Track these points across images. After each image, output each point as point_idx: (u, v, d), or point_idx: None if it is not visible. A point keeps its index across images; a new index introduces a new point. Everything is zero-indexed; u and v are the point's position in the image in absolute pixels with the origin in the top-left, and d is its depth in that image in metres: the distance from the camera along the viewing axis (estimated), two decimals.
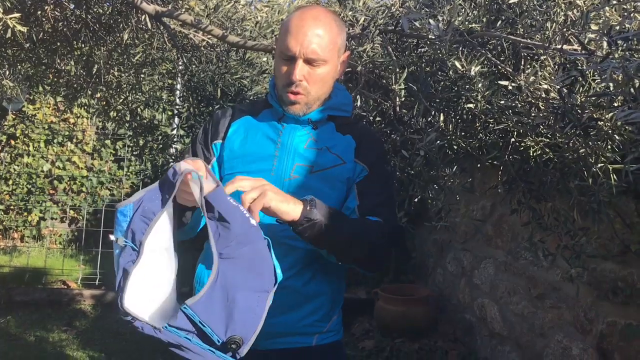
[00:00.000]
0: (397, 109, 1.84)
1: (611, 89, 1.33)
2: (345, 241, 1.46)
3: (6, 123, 7.03)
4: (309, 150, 1.58)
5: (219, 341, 1.26)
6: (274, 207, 1.34)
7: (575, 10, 1.53)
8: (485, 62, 1.70)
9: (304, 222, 1.37)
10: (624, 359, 2.72)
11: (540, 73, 1.57)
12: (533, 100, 1.59)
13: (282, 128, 1.60)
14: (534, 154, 1.71)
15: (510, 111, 1.66)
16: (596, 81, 1.49)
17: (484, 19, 1.69)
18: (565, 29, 1.51)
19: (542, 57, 1.61)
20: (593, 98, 1.44)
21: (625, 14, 1.45)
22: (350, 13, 1.99)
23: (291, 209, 1.36)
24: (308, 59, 1.51)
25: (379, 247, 1.53)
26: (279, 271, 1.31)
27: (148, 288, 1.29)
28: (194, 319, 1.24)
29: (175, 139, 3.40)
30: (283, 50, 1.52)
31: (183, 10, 2.44)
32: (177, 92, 3.87)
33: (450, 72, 1.78)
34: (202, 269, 1.59)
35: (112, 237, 1.30)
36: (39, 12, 2.71)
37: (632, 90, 1.21)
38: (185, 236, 1.57)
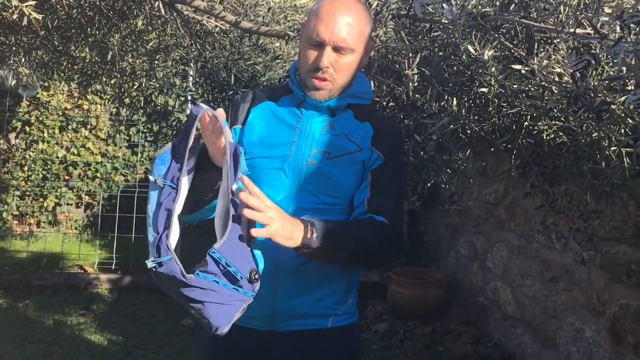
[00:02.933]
0: (410, 93, 1.85)
1: (624, 72, 1.33)
2: (346, 257, 1.55)
3: (21, 110, 7.09)
4: (326, 136, 1.59)
5: (241, 278, 1.33)
6: (275, 240, 1.38)
7: None
8: (499, 46, 1.70)
9: (304, 249, 1.42)
10: (636, 340, 2.74)
11: (553, 57, 1.58)
12: (546, 84, 1.59)
13: (300, 114, 1.61)
14: (547, 138, 1.72)
15: (524, 95, 1.67)
16: (609, 65, 1.49)
17: (497, 3, 1.69)
18: (578, 13, 1.51)
19: (555, 41, 1.62)
20: (606, 82, 1.44)
21: None
22: None
23: (291, 241, 1.40)
24: (337, 46, 1.51)
25: (378, 253, 1.62)
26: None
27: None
28: (221, 261, 1.31)
29: None
30: (312, 36, 1.52)
31: None
32: (191, 78, 3.89)
33: (464, 57, 1.78)
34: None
35: (151, 178, 1.37)
36: (54, 0, 2.73)
37: None
38: (194, 219, 1.60)
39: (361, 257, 1.58)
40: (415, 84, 1.82)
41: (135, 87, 3.35)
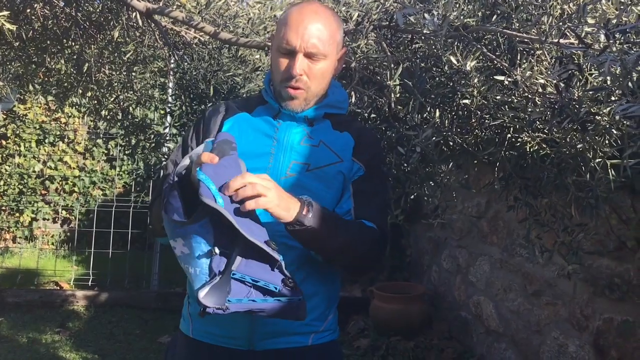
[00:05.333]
0: (392, 105, 1.82)
1: (608, 82, 1.31)
2: (335, 248, 1.46)
3: None
4: (305, 147, 1.55)
5: (276, 288, 1.27)
6: (270, 210, 1.32)
7: (571, 4, 1.51)
8: (481, 57, 1.68)
9: (296, 225, 1.36)
10: (620, 355, 2.71)
11: (536, 67, 1.56)
12: (529, 95, 1.57)
13: (277, 125, 1.57)
14: (531, 150, 1.69)
15: (507, 106, 1.64)
16: (593, 75, 1.47)
17: (479, 13, 1.67)
18: (561, 23, 1.49)
19: (538, 52, 1.60)
20: (590, 92, 1.42)
21: (622, 7, 1.44)
22: (344, 8, 1.97)
23: (286, 213, 1.34)
24: (308, 53, 1.49)
25: (369, 255, 1.54)
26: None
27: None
28: (246, 279, 1.25)
29: (167, 138, 3.38)
30: (282, 45, 1.49)
31: (174, 7, 2.42)
32: (169, 90, 3.84)
33: (446, 68, 1.76)
34: None
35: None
36: (29, 10, 2.68)
37: (629, 84, 1.19)
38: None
39: (350, 254, 1.50)
40: (397, 95, 1.78)
41: (112, 99, 3.30)
